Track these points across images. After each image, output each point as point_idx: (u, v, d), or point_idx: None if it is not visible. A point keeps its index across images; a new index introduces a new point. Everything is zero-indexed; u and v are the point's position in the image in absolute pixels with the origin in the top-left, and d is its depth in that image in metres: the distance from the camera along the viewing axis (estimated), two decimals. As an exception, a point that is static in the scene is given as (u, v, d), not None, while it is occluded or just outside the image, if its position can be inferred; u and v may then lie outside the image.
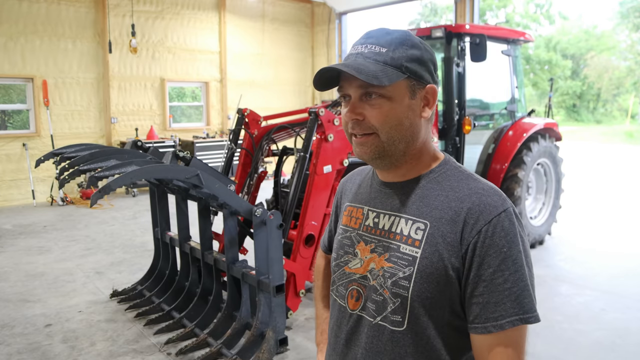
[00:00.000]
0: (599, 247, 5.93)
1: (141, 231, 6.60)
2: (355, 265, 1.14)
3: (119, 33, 9.05)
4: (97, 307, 4.13)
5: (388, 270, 1.06)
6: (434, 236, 1.02)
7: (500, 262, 0.96)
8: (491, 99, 6.07)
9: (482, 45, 4.91)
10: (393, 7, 10.47)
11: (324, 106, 3.89)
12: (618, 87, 28.83)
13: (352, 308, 1.13)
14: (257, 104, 8.80)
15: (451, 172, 1.10)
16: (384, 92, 1.02)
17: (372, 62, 1.02)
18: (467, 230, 0.99)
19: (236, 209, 3.23)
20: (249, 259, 3.80)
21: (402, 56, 1.03)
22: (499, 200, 1.01)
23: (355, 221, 1.19)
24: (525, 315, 0.96)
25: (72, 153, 3.64)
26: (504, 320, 0.95)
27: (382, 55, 1.03)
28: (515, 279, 0.96)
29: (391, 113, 1.03)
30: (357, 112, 1.05)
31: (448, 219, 1.02)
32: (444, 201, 1.04)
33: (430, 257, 1.01)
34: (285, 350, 3.38)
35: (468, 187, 1.05)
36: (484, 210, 0.99)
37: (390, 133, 1.04)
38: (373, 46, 1.04)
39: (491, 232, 0.97)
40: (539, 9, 30.21)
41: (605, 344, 3.53)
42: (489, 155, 5.66)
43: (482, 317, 0.97)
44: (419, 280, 1.01)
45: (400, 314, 1.03)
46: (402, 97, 1.04)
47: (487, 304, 0.96)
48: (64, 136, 8.53)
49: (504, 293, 0.96)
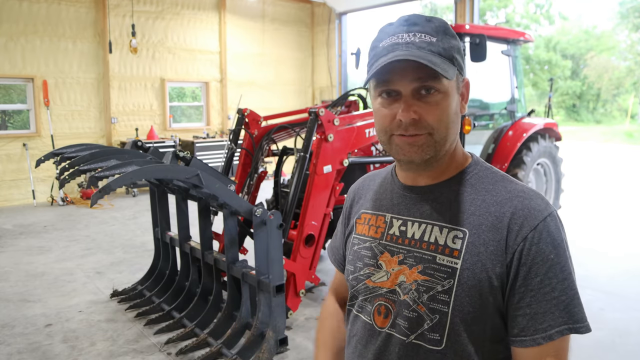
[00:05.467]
0: (599, 247, 5.93)
1: (141, 231, 6.60)
2: (381, 279, 1.03)
3: (119, 33, 9.05)
4: (97, 307, 4.13)
5: (423, 283, 0.96)
6: (475, 245, 0.94)
7: (548, 269, 0.90)
8: (491, 99, 6.07)
9: (482, 45, 4.91)
10: (393, 7, 10.46)
11: (324, 106, 3.89)
12: (618, 87, 28.83)
13: (381, 325, 1.02)
14: (257, 104, 8.79)
15: (484, 173, 1.01)
16: (440, 87, 0.93)
17: (430, 54, 0.91)
18: (512, 237, 0.91)
19: (236, 209, 3.23)
20: (249, 259, 3.80)
21: (450, 47, 0.94)
22: (543, 203, 0.94)
23: (376, 230, 1.08)
24: (575, 324, 0.90)
25: (72, 153, 3.64)
26: (553, 331, 0.89)
27: (435, 45, 0.93)
28: (564, 287, 0.90)
29: (447, 110, 0.95)
30: (414, 110, 0.93)
31: (489, 225, 0.94)
32: (482, 206, 0.96)
33: (472, 268, 0.93)
34: (285, 350, 3.38)
35: (506, 190, 0.97)
36: (528, 215, 0.92)
37: (445, 132, 0.95)
38: (422, 35, 0.93)
39: (537, 239, 0.90)
40: (539, 9, 30.23)
41: (605, 344, 3.53)
42: (489, 155, 5.66)
43: (530, 329, 0.90)
44: (460, 293, 0.93)
45: (438, 332, 0.95)
46: (454, 91, 0.96)
47: (536, 314, 0.90)
48: (64, 136, 8.53)
49: (552, 302, 0.89)
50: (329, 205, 3.89)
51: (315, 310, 4.12)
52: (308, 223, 3.75)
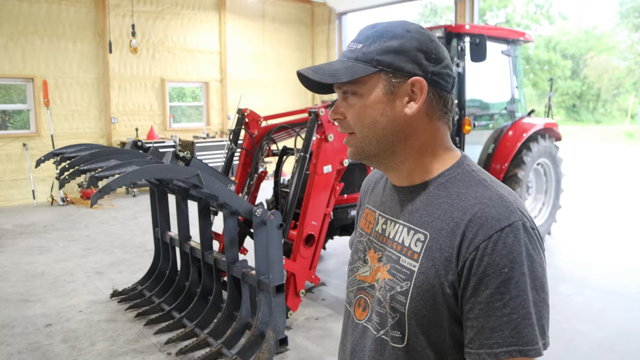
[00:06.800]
0: (599, 247, 5.94)
1: (141, 231, 6.60)
2: (365, 273, 1.08)
3: (119, 33, 9.05)
4: (97, 307, 4.13)
5: (388, 282, 0.99)
6: (432, 250, 0.93)
7: (500, 284, 0.85)
8: (491, 99, 6.07)
9: (482, 45, 4.91)
10: (393, 7, 10.46)
11: (324, 106, 3.89)
12: (618, 87, 28.84)
13: (359, 318, 1.08)
14: (257, 104, 8.79)
15: (462, 176, 0.98)
16: (355, 90, 0.97)
17: (343, 60, 0.98)
18: (465, 245, 0.89)
19: (236, 209, 3.23)
20: (249, 259, 3.81)
21: (375, 50, 0.95)
22: (505, 212, 0.89)
23: (368, 225, 1.13)
24: (525, 347, 0.84)
25: (72, 153, 3.65)
26: (500, 350, 0.85)
27: (356, 51, 0.97)
28: (516, 304, 0.84)
29: (362, 111, 0.97)
30: (338, 112, 1.02)
31: (448, 230, 0.92)
32: (448, 210, 0.94)
33: (427, 273, 0.92)
34: (285, 350, 3.38)
35: (474, 196, 0.93)
36: (484, 223, 0.88)
37: (364, 132, 0.98)
38: (354, 43, 0.99)
39: (491, 250, 0.86)
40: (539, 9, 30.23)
41: (605, 344, 3.54)
42: (489, 155, 5.66)
43: (476, 342, 0.87)
44: (415, 296, 0.93)
45: (399, 330, 0.97)
46: (375, 93, 0.96)
47: (483, 328, 0.86)
48: (64, 136, 8.53)
49: (502, 319, 0.85)
50: (329, 205, 3.89)
51: (315, 310, 4.12)
52: (308, 223, 3.75)
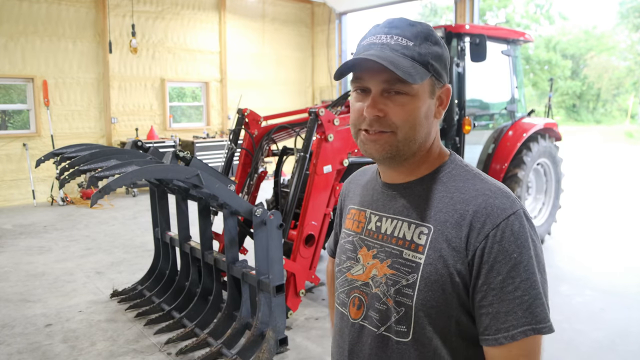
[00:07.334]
0: (599, 247, 5.93)
1: (141, 231, 6.60)
2: (358, 272, 1.09)
3: (119, 33, 9.06)
4: (97, 307, 4.13)
5: (391, 277, 1.00)
6: (438, 241, 0.96)
7: (510, 268, 0.91)
8: (491, 99, 6.07)
9: (482, 45, 4.91)
10: (393, 7, 10.46)
11: (324, 106, 3.89)
12: (618, 87, 28.83)
13: (354, 317, 1.08)
14: (257, 104, 8.80)
15: (457, 171, 1.04)
16: (409, 90, 0.97)
17: (402, 56, 0.95)
18: (474, 234, 0.93)
19: (236, 209, 3.23)
20: (249, 259, 3.81)
21: (427, 52, 0.97)
22: (508, 202, 0.95)
23: (358, 225, 1.14)
24: (538, 325, 0.90)
25: (72, 153, 3.65)
26: (516, 331, 0.90)
27: (410, 49, 0.97)
28: (527, 286, 0.91)
29: (414, 112, 0.98)
30: (379, 108, 0.98)
31: (453, 222, 0.96)
32: (449, 203, 0.99)
33: (435, 264, 0.96)
34: (285, 350, 3.38)
35: (474, 188, 0.99)
36: (491, 213, 0.93)
37: (409, 132, 0.99)
38: (399, 38, 0.98)
39: (500, 237, 0.92)
40: (539, 9, 30.22)
41: (605, 344, 3.53)
42: (489, 155, 5.66)
43: (492, 328, 0.92)
44: (423, 288, 0.96)
45: (404, 324, 0.99)
46: (425, 96, 0.99)
47: (498, 313, 0.91)
48: (64, 136, 8.53)
49: (515, 302, 0.90)
50: (329, 205, 3.89)
51: (315, 310, 4.12)
52: (308, 223, 3.76)
